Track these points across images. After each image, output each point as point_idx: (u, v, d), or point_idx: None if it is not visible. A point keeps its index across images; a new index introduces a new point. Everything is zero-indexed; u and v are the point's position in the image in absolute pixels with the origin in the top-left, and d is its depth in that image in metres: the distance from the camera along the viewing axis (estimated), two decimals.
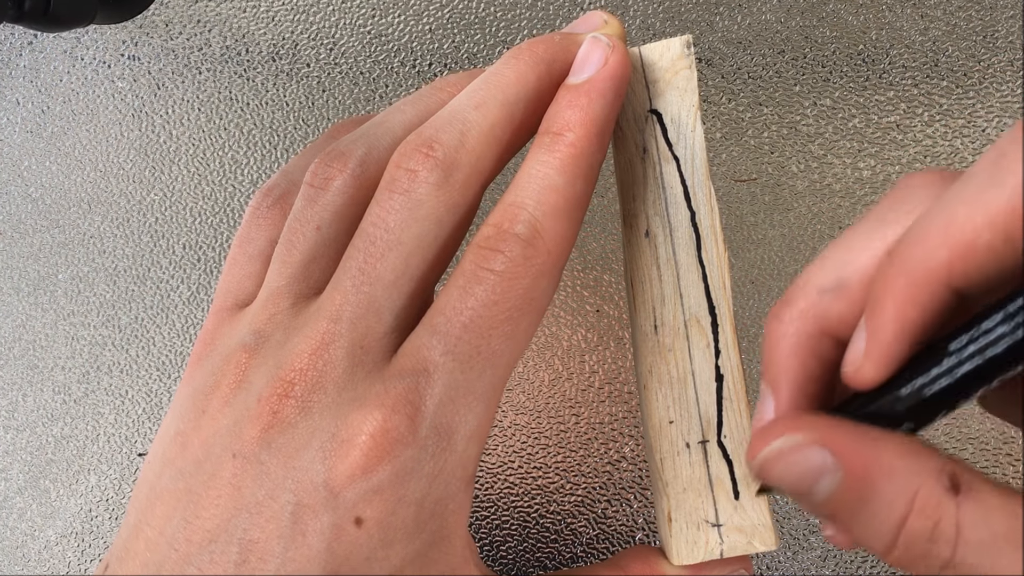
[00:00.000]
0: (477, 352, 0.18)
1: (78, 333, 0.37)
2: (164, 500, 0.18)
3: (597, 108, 0.20)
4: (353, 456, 0.17)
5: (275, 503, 0.17)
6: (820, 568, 0.33)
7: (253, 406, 0.18)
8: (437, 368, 0.18)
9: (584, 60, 0.21)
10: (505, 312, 0.19)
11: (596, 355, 0.35)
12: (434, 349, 0.18)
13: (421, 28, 0.36)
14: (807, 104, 0.35)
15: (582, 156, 0.20)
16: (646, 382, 0.22)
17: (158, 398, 0.37)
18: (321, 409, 0.18)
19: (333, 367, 0.18)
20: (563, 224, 0.19)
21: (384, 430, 0.17)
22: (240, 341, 0.20)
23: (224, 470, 0.18)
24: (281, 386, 0.18)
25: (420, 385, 0.18)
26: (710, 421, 0.22)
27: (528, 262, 0.19)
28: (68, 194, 0.38)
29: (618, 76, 0.20)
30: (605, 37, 0.21)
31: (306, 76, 0.37)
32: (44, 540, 0.36)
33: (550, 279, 0.19)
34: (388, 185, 0.20)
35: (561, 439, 0.35)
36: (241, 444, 0.18)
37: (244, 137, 0.37)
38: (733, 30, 0.35)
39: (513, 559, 0.34)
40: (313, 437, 0.17)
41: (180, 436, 0.19)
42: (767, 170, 0.35)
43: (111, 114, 0.38)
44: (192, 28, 0.37)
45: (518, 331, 0.19)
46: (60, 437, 0.37)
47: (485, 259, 0.19)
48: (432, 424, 0.18)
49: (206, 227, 0.37)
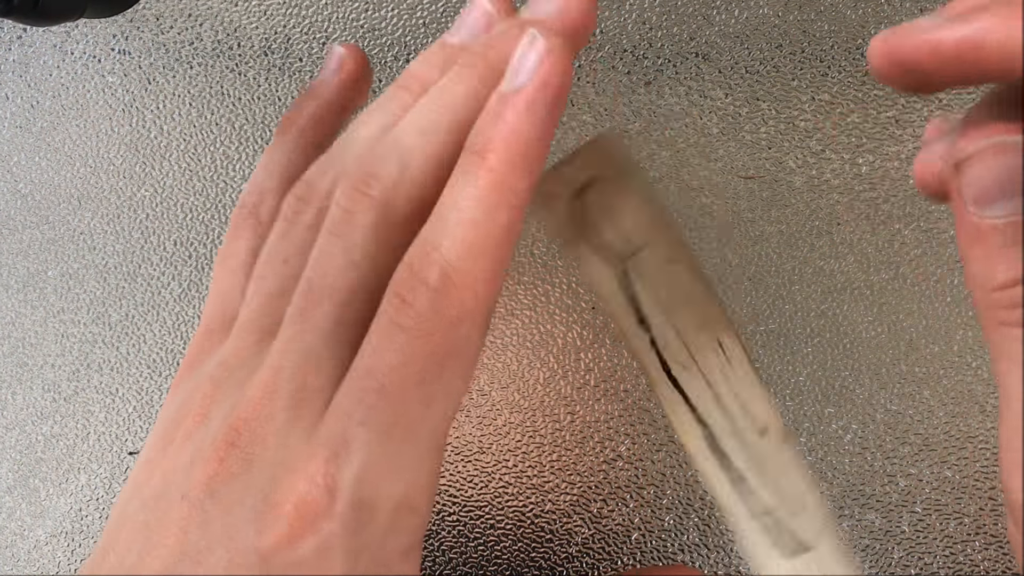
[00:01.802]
0: (395, 423, 0.17)
1: (68, 330, 0.37)
2: (127, 529, 0.18)
3: (525, 125, 0.17)
4: (280, 524, 0.16)
5: (212, 557, 0.17)
6: None
7: (207, 449, 0.18)
8: (354, 440, 0.17)
9: (519, 63, 0.18)
10: (417, 374, 0.17)
11: (591, 353, 0.34)
12: (352, 417, 0.17)
13: (415, 22, 0.36)
14: (805, 99, 0.35)
15: (504, 183, 0.17)
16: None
17: (149, 396, 0.36)
18: (260, 465, 0.17)
19: (272, 420, 0.17)
20: (483, 263, 0.17)
21: (306, 502, 0.16)
22: (208, 373, 0.19)
23: (174, 511, 0.17)
24: (230, 434, 0.18)
25: (339, 457, 0.17)
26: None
27: (439, 315, 0.17)
28: (58, 190, 0.37)
29: (553, 85, 0.17)
30: (543, 36, 0.18)
31: (299, 71, 0.36)
32: (34, 540, 0.36)
33: (471, 325, 0.17)
34: (328, 226, 0.19)
35: (556, 437, 0.34)
36: (190, 486, 0.17)
37: (236, 132, 0.37)
38: (730, 24, 0.35)
39: (507, 559, 0.34)
40: (248, 495, 0.17)
41: (148, 464, 0.19)
42: (764, 166, 0.35)
43: (101, 109, 0.37)
44: (183, 22, 0.37)
45: (436, 392, 0.17)
46: (50, 435, 0.36)
47: (396, 311, 0.17)
48: (349, 500, 0.17)
49: (197, 223, 0.37)
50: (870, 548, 0.33)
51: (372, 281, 0.18)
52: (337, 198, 0.19)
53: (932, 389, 0.34)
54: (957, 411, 0.34)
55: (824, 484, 0.34)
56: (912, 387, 0.34)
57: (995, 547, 0.33)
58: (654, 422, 0.34)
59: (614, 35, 0.35)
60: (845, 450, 0.34)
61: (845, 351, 0.34)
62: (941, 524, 0.33)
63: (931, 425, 0.33)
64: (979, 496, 0.33)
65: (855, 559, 0.21)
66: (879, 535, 0.33)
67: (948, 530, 0.33)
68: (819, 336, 0.34)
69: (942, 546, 0.33)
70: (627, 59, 0.35)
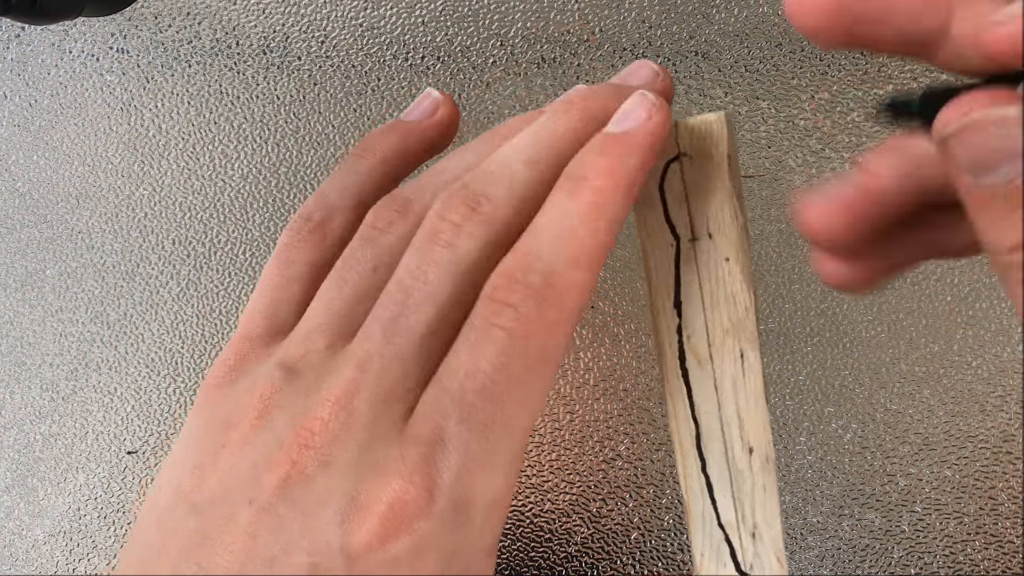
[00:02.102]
0: (492, 420, 0.18)
1: (66, 329, 0.37)
2: (178, 538, 0.18)
3: (631, 162, 0.19)
4: (371, 524, 0.17)
5: (290, 560, 0.17)
6: (818, 568, 0.33)
7: (274, 452, 0.18)
8: (452, 438, 0.17)
9: (627, 112, 0.20)
10: (519, 375, 0.18)
11: (591, 352, 0.34)
12: (449, 417, 0.18)
13: (414, 21, 0.36)
14: (805, 98, 0.35)
15: (606, 206, 0.19)
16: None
17: (147, 395, 0.36)
18: (341, 466, 0.17)
19: (355, 420, 0.18)
20: (580, 275, 0.18)
21: (402, 502, 0.17)
22: (268, 375, 0.19)
23: (240, 516, 0.17)
24: (303, 435, 0.18)
25: (436, 456, 0.17)
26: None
27: (541, 318, 0.18)
28: (56, 189, 0.37)
29: (657, 135, 0.20)
30: (652, 95, 0.20)
31: (297, 69, 0.36)
32: (32, 539, 0.36)
33: (564, 335, 0.18)
34: (430, 236, 0.19)
35: (555, 437, 0.34)
36: (258, 491, 0.17)
37: (234, 131, 0.37)
38: (730, 22, 0.35)
39: (507, 558, 0.34)
40: (331, 496, 0.17)
41: (198, 469, 0.19)
42: (764, 164, 0.34)
43: (99, 108, 0.37)
44: (182, 21, 0.37)
45: (532, 393, 0.18)
46: (48, 435, 0.36)
47: (496, 313, 0.18)
48: (449, 498, 0.17)
49: (196, 222, 0.37)
50: (870, 548, 0.33)
51: (469, 292, 0.19)
52: (441, 212, 0.19)
53: (932, 388, 0.34)
54: (957, 410, 0.33)
55: (824, 483, 0.34)
56: (912, 386, 0.34)
57: (995, 547, 0.33)
58: (653, 421, 0.34)
59: (613, 33, 0.35)
60: (845, 449, 0.34)
61: (845, 350, 0.34)
62: (941, 524, 0.33)
63: (931, 424, 0.33)
64: (979, 496, 0.33)
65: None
66: (879, 534, 0.33)
67: (948, 530, 0.33)
68: (819, 335, 0.34)
69: (942, 546, 0.33)
70: (627, 57, 0.35)
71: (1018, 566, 0.33)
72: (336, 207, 0.23)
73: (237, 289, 0.36)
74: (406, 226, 0.20)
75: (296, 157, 0.36)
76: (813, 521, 0.33)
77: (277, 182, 0.36)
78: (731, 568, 0.22)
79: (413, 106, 0.25)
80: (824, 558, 0.33)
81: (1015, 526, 0.33)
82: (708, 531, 0.22)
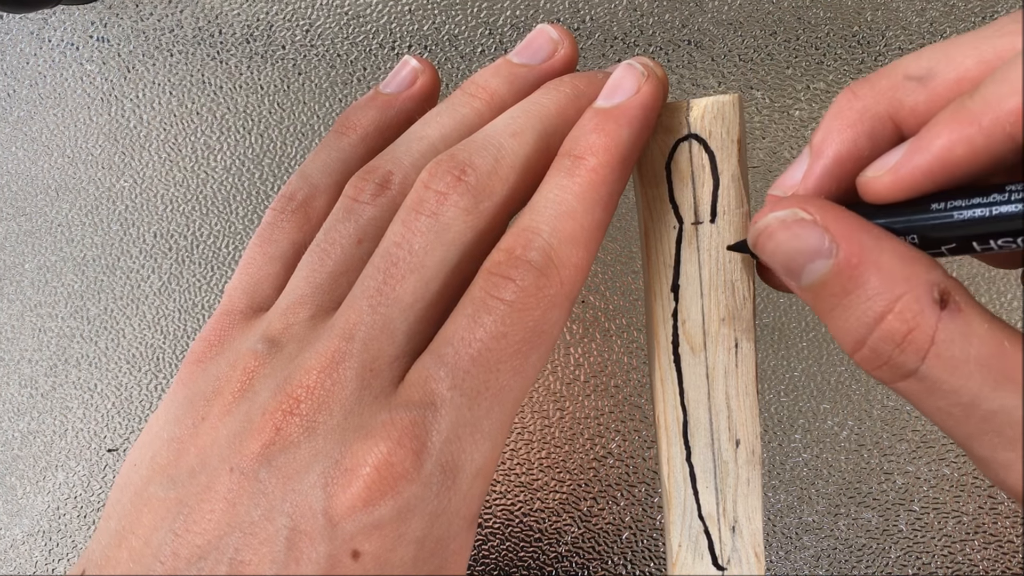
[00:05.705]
0: (485, 387, 0.18)
1: (45, 324, 0.36)
2: (152, 508, 0.18)
3: (624, 135, 0.19)
4: (355, 487, 0.17)
5: (270, 525, 0.17)
6: (813, 567, 0.33)
7: (256, 419, 0.18)
8: (444, 403, 0.18)
9: (616, 85, 0.20)
10: (515, 345, 0.18)
11: (581, 347, 0.34)
12: (441, 382, 0.18)
13: (400, 8, 0.35)
14: (800, 88, 0.34)
15: (603, 183, 0.19)
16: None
17: (128, 392, 0.35)
18: (326, 432, 0.17)
19: (341, 387, 0.18)
20: (579, 253, 0.19)
21: (388, 463, 0.17)
22: (251, 347, 0.19)
23: (220, 483, 0.17)
24: (287, 402, 0.18)
25: (427, 419, 0.17)
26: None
27: (540, 292, 0.18)
28: (35, 181, 0.36)
29: (649, 106, 0.20)
30: (640, 65, 0.20)
31: (281, 58, 0.36)
32: (10, 539, 0.35)
33: (561, 311, 0.19)
34: (415, 205, 0.19)
35: (545, 434, 0.33)
36: (240, 458, 0.17)
37: (217, 121, 0.36)
38: (723, 11, 0.34)
39: (495, 558, 0.33)
40: (315, 461, 0.17)
41: (175, 442, 0.19)
42: (759, 156, 0.34)
43: (79, 98, 0.36)
44: (163, 9, 0.36)
45: (527, 365, 0.18)
46: (27, 432, 0.36)
47: (496, 287, 0.18)
48: (437, 461, 0.17)
49: (178, 215, 0.36)
50: (867, 547, 0.33)
51: (454, 262, 0.19)
52: (427, 181, 0.19)
53: None
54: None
55: (819, 482, 0.33)
56: None
57: (994, 546, 0.33)
58: (645, 418, 0.33)
59: (605, 22, 0.34)
60: (841, 447, 0.33)
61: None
62: (939, 523, 0.33)
63: (928, 422, 0.33)
64: (978, 494, 0.33)
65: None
66: (876, 534, 0.33)
67: (946, 529, 0.33)
68: (814, 330, 0.33)
69: (940, 545, 0.33)
70: (618, 47, 0.34)
71: (1018, 566, 0.32)
72: (318, 186, 0.23)
73: (220, 283, 0.35)
74: (388, 198, 0.20)
75: (280, 148, 0.36)
76: (808, 520, 0.33)
77: (261, 174, 0.36)
78: (708, 561, 0.21)
79: (392, 75, 0.25)
80: (820, 558, 0.33)
81: (1014, 525, 0.32)
82: (688, 522, 0.22)
